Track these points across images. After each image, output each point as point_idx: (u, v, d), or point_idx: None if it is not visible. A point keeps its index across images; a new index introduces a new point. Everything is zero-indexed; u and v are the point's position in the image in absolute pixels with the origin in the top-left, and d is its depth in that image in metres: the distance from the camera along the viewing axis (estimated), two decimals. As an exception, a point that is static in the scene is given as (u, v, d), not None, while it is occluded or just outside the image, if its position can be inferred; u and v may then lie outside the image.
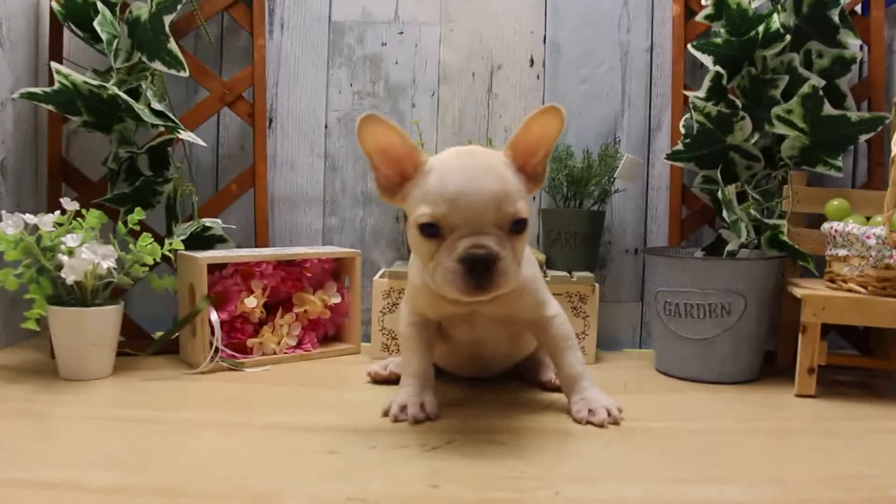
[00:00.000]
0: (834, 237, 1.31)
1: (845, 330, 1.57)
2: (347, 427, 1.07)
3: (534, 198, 1.63)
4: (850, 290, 1.29)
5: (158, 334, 1.44)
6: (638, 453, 0.99)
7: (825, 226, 1.33)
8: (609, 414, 1.10)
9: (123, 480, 0.85)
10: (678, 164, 1.50)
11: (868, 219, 1.35)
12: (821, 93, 1.37)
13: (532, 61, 1.63)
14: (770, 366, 1.48)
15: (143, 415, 1.11)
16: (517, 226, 0.98)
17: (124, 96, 1.33)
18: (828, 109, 1.38)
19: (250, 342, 1.42)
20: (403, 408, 1.10)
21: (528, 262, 1.13)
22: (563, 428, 1.09)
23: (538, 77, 1.63)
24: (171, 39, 1.41)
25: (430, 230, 0.97)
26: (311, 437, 1.02)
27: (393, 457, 0.95)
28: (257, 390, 1.26)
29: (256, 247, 1.57)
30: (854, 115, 1.39)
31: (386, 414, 1.11)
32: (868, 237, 1.25)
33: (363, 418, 1.12)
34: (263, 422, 1.09)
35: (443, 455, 0.96)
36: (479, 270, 0.94)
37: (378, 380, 1.32)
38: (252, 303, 1.40)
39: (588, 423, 1.09)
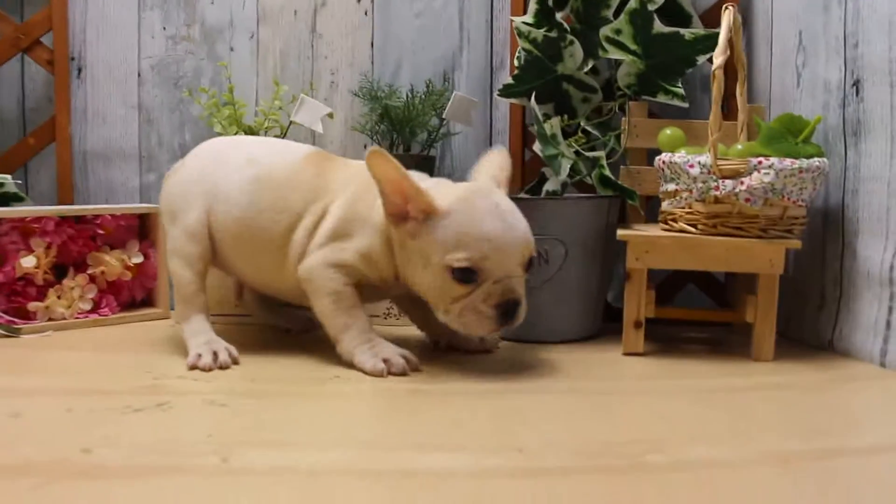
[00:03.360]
0: (663, 170, 1.15)
1: (705, 283, 1.41)
2: (71, 390, 0.94)
3: (364, 146, 1.48)
4: (681, 231, 1.14)
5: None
6: (388, 415, 0.87)
7: (656, 159, 1.17)
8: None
9: None
10: (512, 100, 1.34)
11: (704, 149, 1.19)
12: (650, 8, 1.21)
13: (360, -5, 1.48)
14: (617, 323, 1.32)
15: None
16: (530, 265, 1.01)
17: None
18: (659, 27, 1.22)
19: (32, 307, 1.28)
20: (390, 361, 1.02)
21: None
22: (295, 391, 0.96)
23: (366, 13, 1.48)
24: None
25: (467, 275, 0.96)
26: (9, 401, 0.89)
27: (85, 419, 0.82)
28: (24, 356, 1.12)
29: (60, 205, 1.43)
30: (688, 33, 1.23)
31: (380, 375, 1.01)
32: (691, 166, 1.09)
33: (105, 382, 0.98)
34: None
35: (140, 417, 0.82)
36: (510, 314, 0.97)
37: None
38: (30, 262, 1.27)
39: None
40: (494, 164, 1.09)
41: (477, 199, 0.99)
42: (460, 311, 0.97)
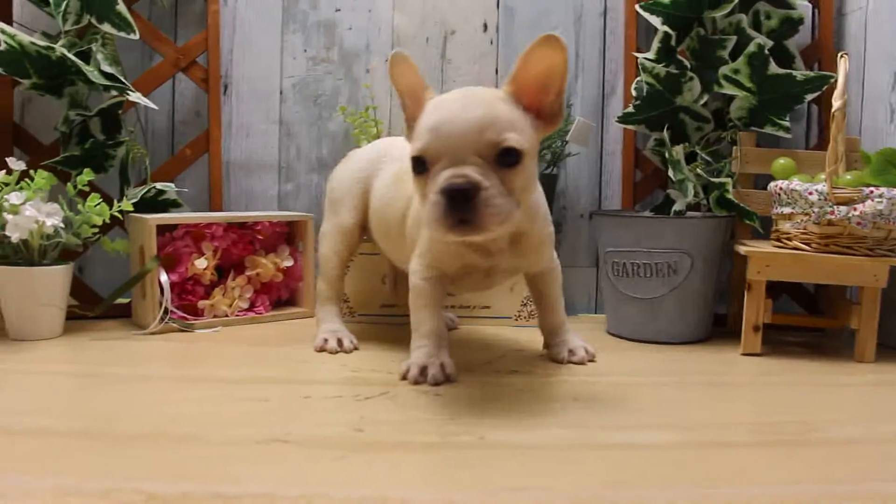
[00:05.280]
0: (779, 195, 1.32)
1: (796, 293, 1.58)
2: (287, 380, 1.08)
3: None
4: (794, 248, 1.30)
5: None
6: (572, 404, 0.99)
7: (771, 185, 1.34)
8: (586, 352, 1.20)
9: (48, 425, 0.86)
10: (629, 126, 1.51)
11: (813, 177, 1.35)
12: (766, 52, 1.38)
13: (486, 26, 1.63)
14: (721, 328, 1.49)
15: (86, 369, 1.12)
16: (507, 156, 0.92)
17: (72, 58, 1.33)
18: (773, 69, 1.39)
19: (201, 304, 1.43)
20: (423, 369, 1.07)
21: (546, 220, 1.14)
22: (495, 381, 1.10)
23: (492, 42, 1.63)
24: (121, 1, 1.41)
25: (419, 165, 0.95)
26: (247, 389, 1.03)
27: (325, 405, 0.96)
28: (204, 349, 1.27)
29: (210, 211, 1.57)
30: (799, 75, 1.40)
31: (404, 377, 1.08)
32: (810, 193, 1.25)
33: (303, 373, 1.13)
34: (204, 375, 1.10)
35: (374, 404, 0.97)
36: (460, 201, 0.89)
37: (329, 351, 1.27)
38: (202, 264, 1.41)
39: (569, 362, 1.19)
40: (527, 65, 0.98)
41: (449, 97, 0.98)
42: (425, 207, 0.94)
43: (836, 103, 1.23)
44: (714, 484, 0.74)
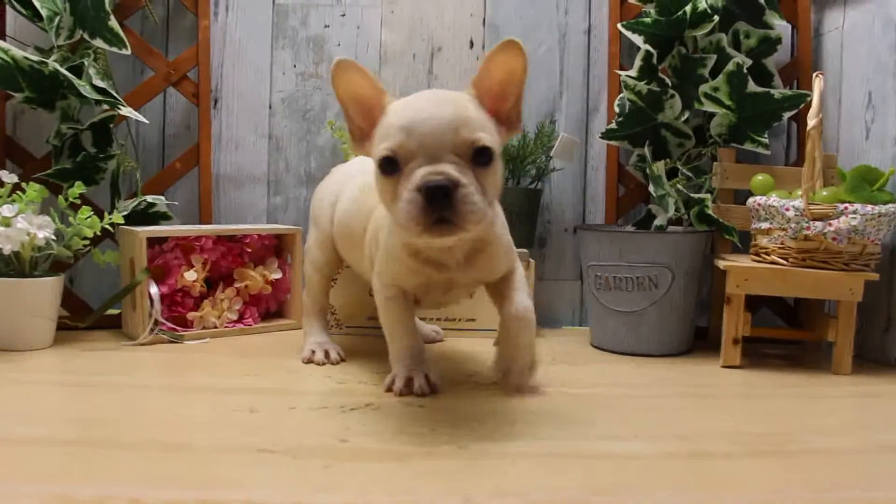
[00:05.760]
0: (757, 210, 1.35)
1: (776, 306, 1.61)
2: (274, 390, 1.10)
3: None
4: (772, 263, 1.33)
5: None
6: (554, 414, 1.02)
7: (750, 200, 1.37)
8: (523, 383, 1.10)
9: (39, 433, 0.88)
10: (612, 142, 1.54)
11: (791, 193, 1.38)
12: (745, 70, 1.41)
13: (472, 43, 1.67)
14: (702, 340, 1.52)
15: (77, 379, 1.14)
16: (480, 155, 0.91)
17: (64, 72, 1.35)
18: (752, 87, 1.42)
19: (191, 316, 1.44)
20: (409, 381, 1.08)
21: (505, 227, 1.10)
22: (477, 392, 1.12)
23: (478, 58, 1.66)
24: (112, 17, 1.43)
25: (389, 165, 0.91)
26: (235, 399, 1.04)
27: (310, 416, 0.98)
28: (194, 359, 1.29)
29: (200, 224, 1.59)
30: (777, 93, 1.43)
31: (389, 389, 1.09)
32: (787, 209, 1.28)
33: (290, 383, 1.15)
34: (193, 384, 1.12)
35: (359, 415, 0.99)
36: (438, 198, 0.87)
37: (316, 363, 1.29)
38: (192, 276, 1.43)
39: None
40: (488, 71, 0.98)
41: (415, 97, 0.97)
42: (396, 209, 0.91)
43: (812, 122, 1.27)
44: (697, 491, 0.76)
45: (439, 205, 0.87)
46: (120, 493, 0.70)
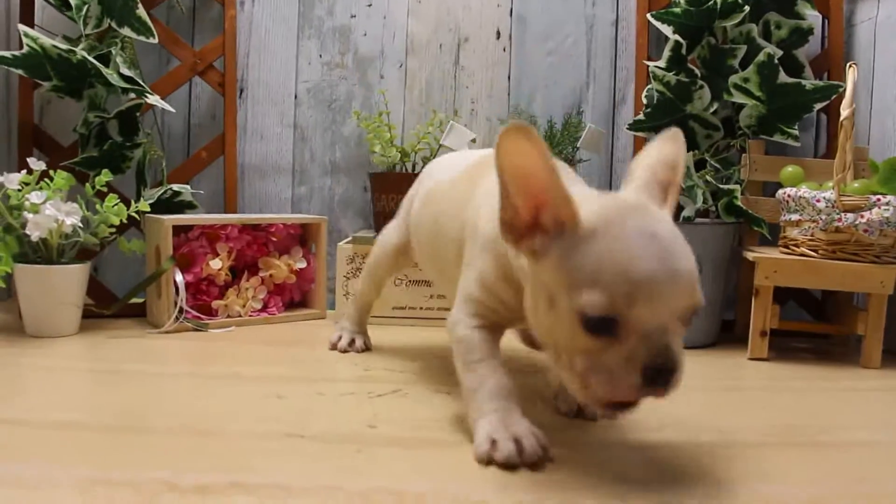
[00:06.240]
0: (787, 202, 1.33)
1: (804, 300, 1.59)
2: (301, 378, 1.10)
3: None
4: (802, 255, 1.32)
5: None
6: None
7: (779, 192, 1.36)
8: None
9: (72, 419, 0.88)
10: (640, 134, 1.53)
11: (821, 185, 1.37)
12: (776, 61, 1.39)
13: (499, 34, 1.66)
14: (728, 333, 1.50)
15: (104, 366, 1.14)
16: (693, 318, 0.73)
17: (92, 60, 1.36)
18: (783, 78, 1.41)
19: (215, 304, 1.45)
20: (518, 441, 0.77)
21: None
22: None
23: (504, 49, 1.66)
24: (140, 6, 1.44)
25: (603, 326, 0.68)
26: (263, 386, 1.04)
27: (339, 403, 0.98)
28: (219, 347, 1.28)
29: (225, 213, 1.60)
30: (808, 84, 1.41)
31: (489, 460, 0.77)
32: (818, 200, 1.27)
33: (317, 371, 1.15)
34: (220, 372, 1.12)
35: (387, 402, 0.99)
36: (658, 382, 0.69)
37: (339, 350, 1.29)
38: (217, 265, 1.43)
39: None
40: (663, 160, 0.80)
41: (629, 221, 0.70)
42: (584, 369, 0.70)
43: (844, 112, 1.25)
44: (730, 483, 0.75)
45: (653, 389, 0.69)
46: (154, 477, 0.70)
